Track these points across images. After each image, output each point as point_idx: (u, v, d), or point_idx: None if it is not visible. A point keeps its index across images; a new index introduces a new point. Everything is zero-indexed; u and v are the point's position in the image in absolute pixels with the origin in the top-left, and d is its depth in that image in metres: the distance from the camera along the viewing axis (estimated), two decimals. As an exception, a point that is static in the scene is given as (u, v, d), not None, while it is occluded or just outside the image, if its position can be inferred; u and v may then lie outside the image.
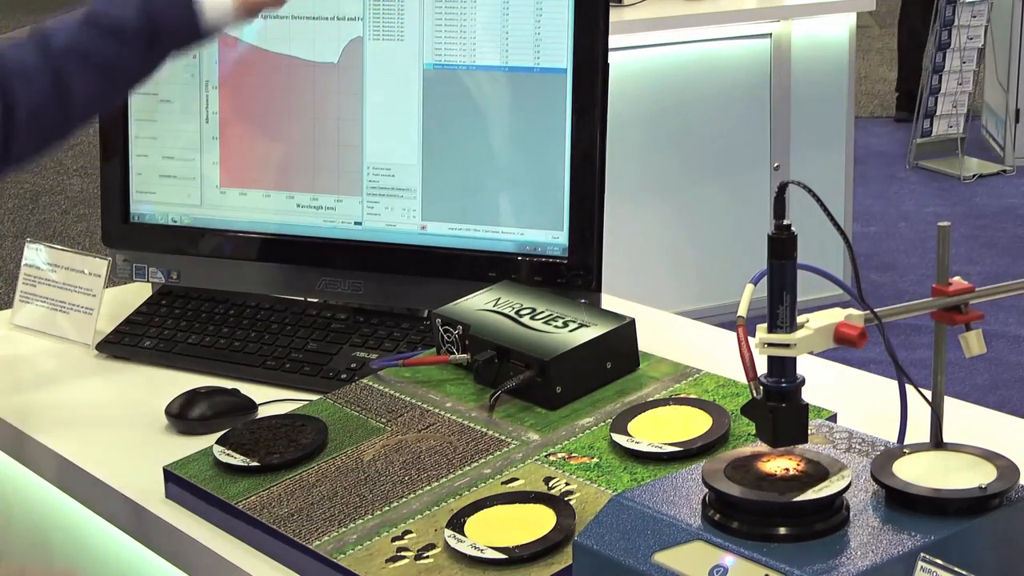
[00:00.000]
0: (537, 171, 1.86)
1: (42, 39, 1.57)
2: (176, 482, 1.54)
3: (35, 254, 2.07)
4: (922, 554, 1.11)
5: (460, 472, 1.46)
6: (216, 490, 1.49)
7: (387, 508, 1.41)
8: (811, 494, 1.17)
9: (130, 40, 1.57)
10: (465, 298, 1.74)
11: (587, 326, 1.63)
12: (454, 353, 1.68)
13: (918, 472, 1.21)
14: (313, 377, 1.82)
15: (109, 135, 2.06)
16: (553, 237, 1.85)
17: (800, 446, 1.22)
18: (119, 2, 1.58)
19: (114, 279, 2.04)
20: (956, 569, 1.08)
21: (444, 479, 1.45)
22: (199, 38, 1.61)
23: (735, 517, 1.17)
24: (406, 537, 1.36)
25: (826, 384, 1.72)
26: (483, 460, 1.48)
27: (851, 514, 1.18)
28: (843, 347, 1.21)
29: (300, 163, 1.98)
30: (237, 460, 1.52)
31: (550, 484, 1.41)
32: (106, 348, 1.98)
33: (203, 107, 2.01)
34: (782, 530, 1.15)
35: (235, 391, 1.77)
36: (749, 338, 1.18)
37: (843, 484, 1.18)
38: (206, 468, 1.54)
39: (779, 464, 1.22)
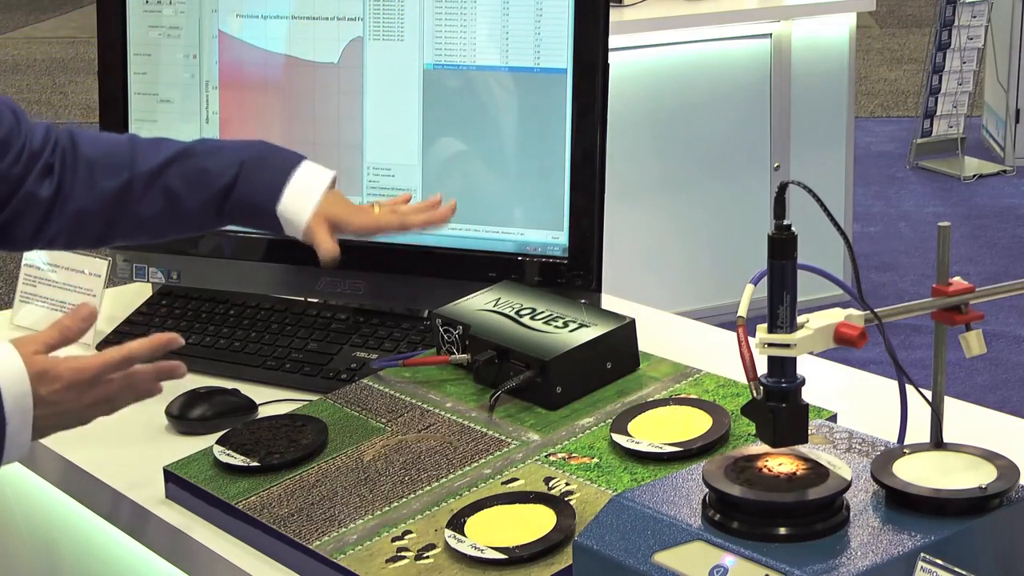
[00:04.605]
0: (537, 171, 1.86)
1: (132, 149, 1.63)
2: (176, 482, 1.54)
3: (35, 254, 2.06)
4: (922, 554, 1.11)
5: (460, 472, 1.46)
6: (216, 490, 1.49)
7: (387, 508, 1.41)
8: (811, 494, 1.17)
9: (212, 195, 1.64)
10: (465, 298, 1.74)
11: (587, 326, 1.63)
12: (454, 353, 1.68)
13: (918, 472, 1.21)
14: (313, 377, 1.82)
15: (109, 135, 2.06)
16: (553, 237, 1.85)
17: (800, 446, 1.22)
18: (225, 160, 1.65)
19: (114, 279, 2.04)
20: (956, 569, 1.08)
21: (444, 479, 1.45)
22: (266, 228, 1.67)
23: (735, 517, 1.17)
24: (406, 537, 1.36)
25: (826, 384, 1.73)
26: (483, 460, 1.48)
27: (851, 514, 1.18)
28: (843, 347, 1.21)
29: (300, 163, 1.97)
30: (237, 460, 1.52)
31: (550, 484, 1.41)
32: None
33: (203, 107, 2.01)
34: (782, 530, 1.15)
35: (235, 391, 1.77)
36: (749, 338, 1.18)
37: (843, 484, 1.18)
38: (206, 468, 1.54)
39: (779, 464, 1.22)
